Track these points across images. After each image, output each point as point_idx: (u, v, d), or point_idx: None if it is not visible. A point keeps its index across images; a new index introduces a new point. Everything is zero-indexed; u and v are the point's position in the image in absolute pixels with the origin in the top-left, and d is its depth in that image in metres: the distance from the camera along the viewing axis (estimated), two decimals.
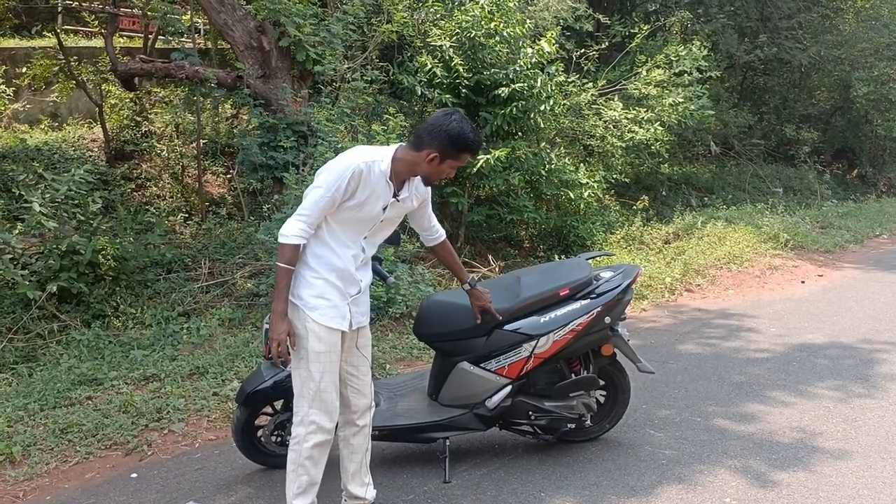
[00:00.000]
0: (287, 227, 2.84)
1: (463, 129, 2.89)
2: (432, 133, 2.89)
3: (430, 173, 2.98)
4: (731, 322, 6.98)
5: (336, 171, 2.82)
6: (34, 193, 6.14)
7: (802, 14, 16.15)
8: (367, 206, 2.90)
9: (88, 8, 10.72)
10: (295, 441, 3.01)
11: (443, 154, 2.90)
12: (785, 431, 4.39)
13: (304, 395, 2.97)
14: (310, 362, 2.93)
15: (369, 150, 2.96)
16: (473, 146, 2.96)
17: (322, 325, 2.91)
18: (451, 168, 2.97)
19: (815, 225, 12.26)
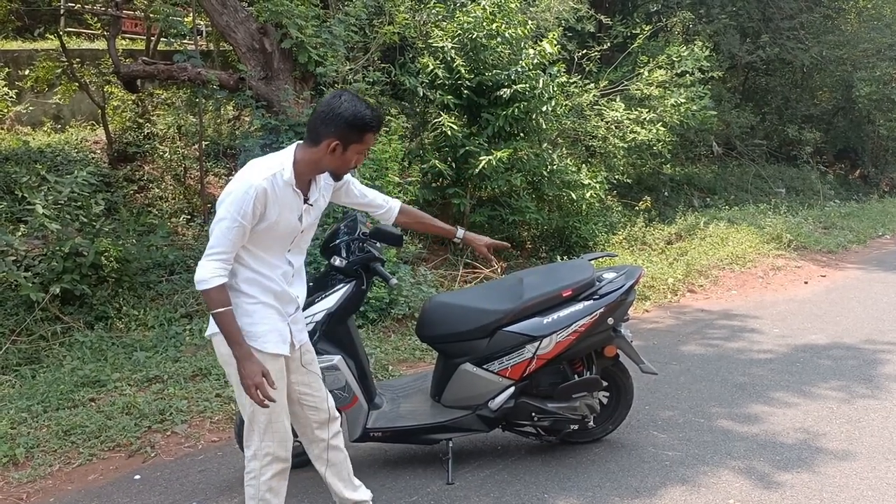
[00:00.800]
0: (201, 272, 2.57)
1: (357, 108, 2.63)
2: (326, 121, 2.63)
3: (336, 165, 2.72)
4: (734, 323, 6.97)
5: (237, 198, 2.55)
6: (37, 195, 6.15)
7: (804, 14, 16.14)
8: (281, 222, 2.68)
9: (91, 10, 10.73)
10: (251, 476, 2.86)
11: (344, 140, 2.64)
12: (788, 432, 4.38)
13: (255, 427, 2.80)
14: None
15: (266, 161, 2.69)
16: (374, 122, 2.68)
17: (265, 352, 2.71)
18: (357, 154, 2.71)
19: (817, 225, 12.24)
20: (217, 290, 2.57)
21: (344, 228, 3.71)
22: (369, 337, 6.04)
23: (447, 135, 7.80)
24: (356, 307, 3.81)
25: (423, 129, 9.01)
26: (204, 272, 2.56)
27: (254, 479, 2.85)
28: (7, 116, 11.09)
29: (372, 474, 3.85)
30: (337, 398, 3.58)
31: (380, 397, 3.89)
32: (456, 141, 7.89)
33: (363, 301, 3.94)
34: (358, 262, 3.60)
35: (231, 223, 2.55)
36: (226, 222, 2.56)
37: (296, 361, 2.94)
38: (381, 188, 6.76)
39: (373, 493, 3.62)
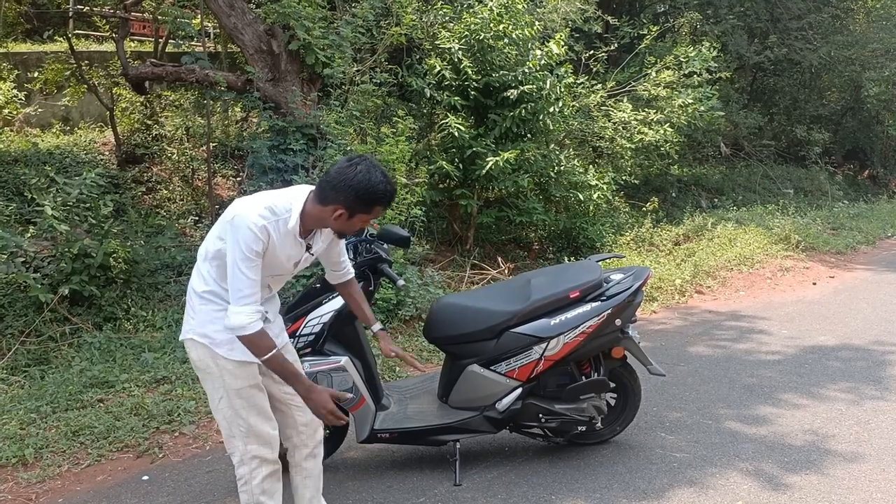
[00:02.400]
0: (238, 320, 2.51)
1: (370, 181, 2.55)
2: (336, 188, 2.56)
3: (339, 228, 2.69)
4: (742, 324, 6.95)
5: (245, 238, 2.51)
6: (46, 197, 6.18)
7: (812, 14, 16.08)
8: (277, 260, 2.66)
9: (100, 12, 10.77)
10: (242, 482, 2.84)
11: (350, 210, 2.59)
12: (797, 434, 4.36)
13: (235, 433, 2.78)
14: (231, 399, 2.73)
15: (274, 199, 2.63)
16: (384, 198, 2.61)
17: (232, 360, 2.68)
18: (363, 222, 2.67)
19: (826, 226, 12.19)
20: (258, 335, 2.55)
21: None
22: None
23: (454, 136, 7.80)
24: None
25: (430, 131, 9.01)
26: (242, 319, 2.51)
27: (245, 485, 2.84)
28: (16, 118, 11.16)
29: (379, 475, 3.85)
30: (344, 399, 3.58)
31: (387, 398, 3.90)
32: (463, 142, 7.89)
33: (371, 302, 3.94)
34: (365, 264, 3.61)
35: (250, 263, 2.52)
36: (244, 263, 2.52)
37: None
38: None
39: (380, 494, 3.64)
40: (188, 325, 2.75)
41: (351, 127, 7.51)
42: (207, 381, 2.77)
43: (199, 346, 2.71)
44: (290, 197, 2.66)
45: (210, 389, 2.78)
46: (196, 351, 2.72)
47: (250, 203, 2.59)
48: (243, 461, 2.81)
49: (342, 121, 7.25)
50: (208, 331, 2.67)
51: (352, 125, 7.53)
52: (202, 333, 2.69)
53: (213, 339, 2.67)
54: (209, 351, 2.69)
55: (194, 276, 2.74)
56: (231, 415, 2.75)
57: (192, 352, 2.75)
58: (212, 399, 2.79)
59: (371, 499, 3.61)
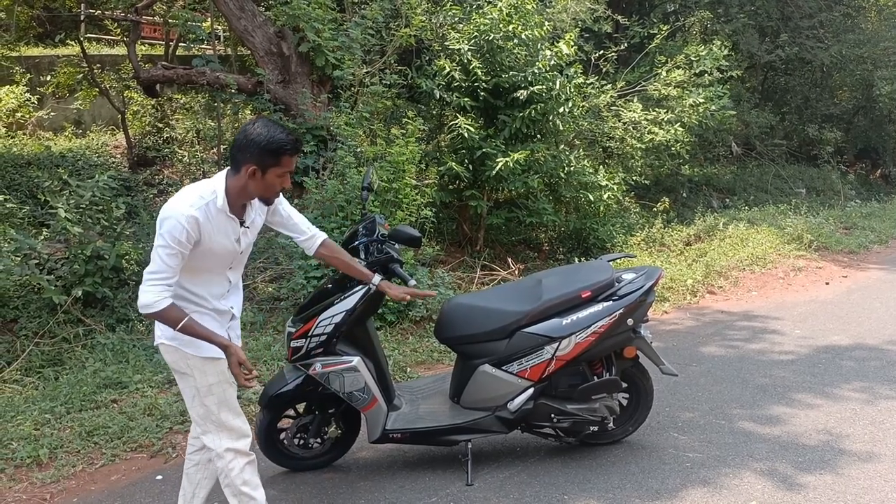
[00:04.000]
0: (145, 297, 2.61)
1: (270, 132, 2.67)
2: (241, 148, 2.68)
3: (260, 190, 2.76)
4: (755, 324, 6.91)
5: (170, 227, 2.61)
6: (59, 199, 6.23)
7: (824, 13, 15.99)
8: (217, 245, 2.75)
9: (111, 16, 10.85)
10: (223, 476, 2.94)
11: (261, 165, 2.68)
12: (811, 434, 4.34)
13: (208, 429, 2.89)
14: (203, 397, 2.84)
15: (199, 188, 2.72)
16: (288, 145, 2.70)
17: (201, 357, 2.79)
18: (278, 177, 2.74)
19: (838, 226, 12.11)
20: (167, 309, 2.63)
21: (363, 230, 3.72)
22: (387, 339, 6.05)
23: (464, 137, 7.80)
24: (375, 309, 3.83)
25: (439, 132, 9.02)
26: (148, 297, 2.61)
27: (226, 478, 2.93)
28: (29, 122, 11.25)
29: (391, 476, 3.86)
30: (356, 399, 3.60)
31: (399, 399, 3.90)
32: (473, 143, 7.88)
33: (382, 303, 3.95)
34: (377, 264, 3.61)
35: (169, 250, 2.61)
36: (164, 249, 2.62)
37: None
38: (398, 191, 6.79)
39: (392, 494, 3.64)
40: (159, 330, 2.83)
41: (361, 128, 7.53)
42: (182, 381, 2.88)
43: (170, 349, 2.81)
44: (213, 181, 2.77)
45: (184, 389, 2.89)
46: (168, 354, 2.84)
47: (178, 196, 2.70)
48: (219, 455, 2.91)
49: (352, 122, 7.27)
50: (176, 334, 2.73)
51: (362, 127, 7.55)
52: (171, 336, 2.77)
53: (180, 339, 2.76)
54: (179, 352, 2.80)
55: None
56: (204, 412, 2.87)
57: (165, 355, 2.86)
58: (186, 398, 2.90)
59: (383, 498, 3.61)
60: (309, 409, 3.85)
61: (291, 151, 2.72)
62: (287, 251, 6.79)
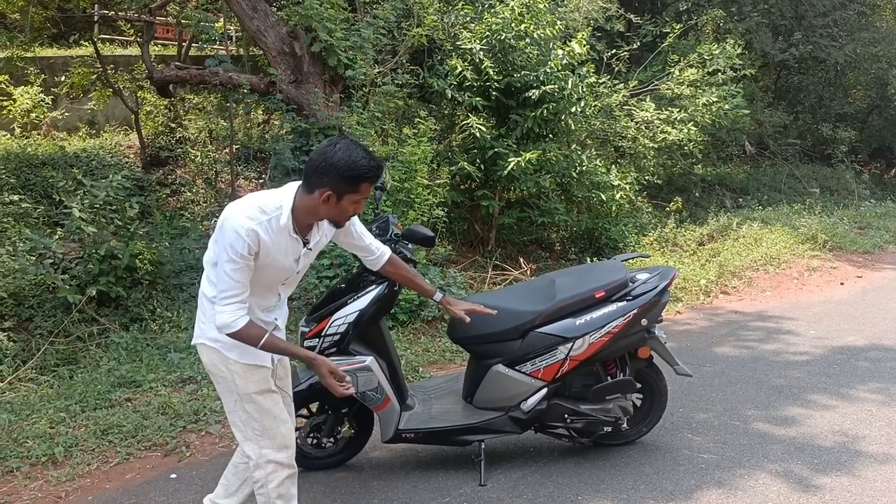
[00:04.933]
0: (223, 318, 2.54)
1: (351, 157, 2.51)
2: (319, 170, 2.52)
3: (333, 215, 2.64)
4: (769, 324, 6.87)
5: (232, 241, 2.51)
6: (74, 199, 6.27)
7: (838, 11, 15.86)
8: (276, 262, 2.65)
9: (125, 17, 10.90)
10: (259, 485, 2.84)
11: (337, 191, 2.54)
12: (826, 435, 4.31)
13: (249, 436, 2.78)
14: (243, 403, 2.74)
15: (263, 200, 2.60)
16: (369, 173, 2.55)
17: (242, 363, 2.70)
18: (353, 203, 2.60)
19: (853, 225, 12.01)
20: (245, 328, 2.57)
21: (376, 230, 3.72)
22: (399, 339, 6.05)
23: (476, 136, 7.79)
24: (388, 308, 3.83)
25: (451, 132, 9.02)
26: (225, 318, 2.55)
27: (262, 488, 2.83)
28: (43, 122, 11.31)
29: (404, 475, 3.85)
30: (369, 399, 3.60)
31: (412, 398, 3.89)
32: (484, 143, 7.87)
33: (395, 302, 3.95)
34: None
35: (234, 265, 2.53)
36: (229, 265, 2.53)
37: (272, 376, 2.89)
38: (410, 190, 6.78)
39: (405, 494, 3.64)
40: (199, 330, 2.77)
41: (373, 128, 7.54)
42: (220, 384, 2.79)
43: (210, 351, 2.73)
44: (281, 195, 2.63)
45: (223, 392, 2.79)
46: (207, 355, 2.75)
47: (240, 206, 2.58)
48: (259, 465, 2.80)
49: (364, 122, 7.28)
50: (220, 335, 2.66)
51: (373, 126, 7.56)
52: (213, 338, 2.70)
53: (223, 342, 2.68)
54: (220, 355, 2.71)
55: (204, 282, 2.74)
56: (245, 418, 2.76)
57: (203, 356, 2.77)
58: (226, 402, 2.81)
59: (396, 498, 3.61)
60: (322, 408, 3.85)
61: (372, 179, 2.57)
62: None
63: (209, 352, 2.73)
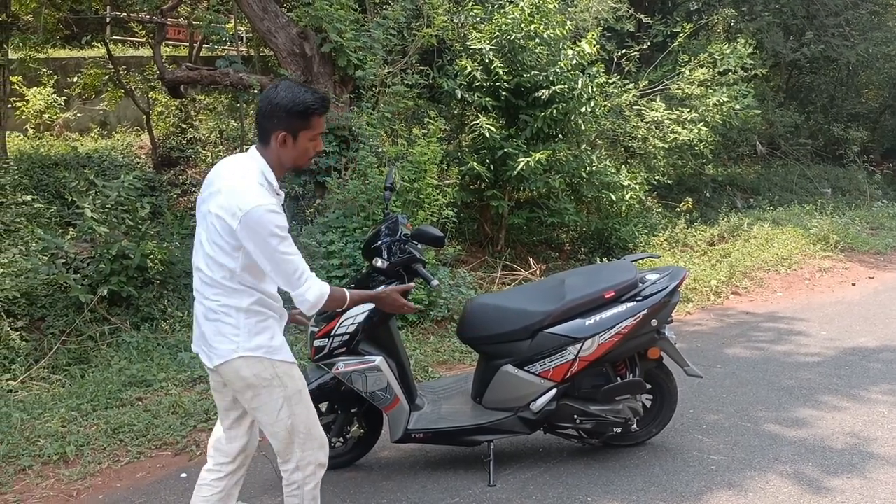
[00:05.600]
0: (313, 293, 2.54)
1: (295, 94, 2.51)
2: (268, 115, 2.52)
3: (294, 158, 2.59)
4: (780, 325, 6.83)
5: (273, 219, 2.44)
6: (86, 199, 6.31)
7: (850, 11, 15.75)
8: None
9: (136, 19, 10.97)
10: (294, 487, 2.78)
11: (291, 129, 2.52)
12: (838, 437, 4.28)
13: (294, 440, 2.73)
14: (294, 405, 2.69)
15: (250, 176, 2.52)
16: (316, 104, 2.54)
17: (288, 362, 2.67)
18: (311, 141, 2.58)
19: (865, 226, 11.92)
20: (333, 292, 2.63)
21: (385, 230, 3.72)
22: (409, 339, 6.06)
23: (485, 137, 7.79)
24: None
25: (461, 132, 9.01)
26: (316, 290, 2.55)
27: (297, 490, 2.79)
28: (56, 123, 11.40)
29: (413, 475, 3.86)
30: (378, 399, 3.60)
31: (421, 398, 3.90)
32: (494, 143, 7.87)
33: None
34: (399, 264, 3.61)
35: (287, 242, 2.48)
36: (283, 246, 2.47)
37: None
38: (420, 191, 6.78)
39: (414, 494, 3.64)
40: (229, 346, 2.59)
41: (382, 128, 7.55)
42: (264, 394, 2.65)
43: (254, 361, 2.60)
44: (251, 163, 2.57)
45: (268, 403, 2.66)
46: (250, 367, 2.60)
47: (246, 189, 2.47)
48: (300, 467, 2.76)
49: (374, 122, 7.29)
50: (261, 341, 2.60)
51: (383, 126, 7.56)
52: (254, 347, 2.59)
53: (268, 347, 2.61)
54: (266, 362, 2.61)
55: (225, 297, 2.59)
56: (292, 422, 2.70)
57: (243, 370, 2.60)
58: (270, 413, 2.68)
59: (405, 498, 3.62)
60: (331, 408, 3.86)
61: (321, 110, 2.57)
62: (309, 251, 6.82)
63: (252, 363, 2.60)
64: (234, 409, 2.86)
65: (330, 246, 6.29)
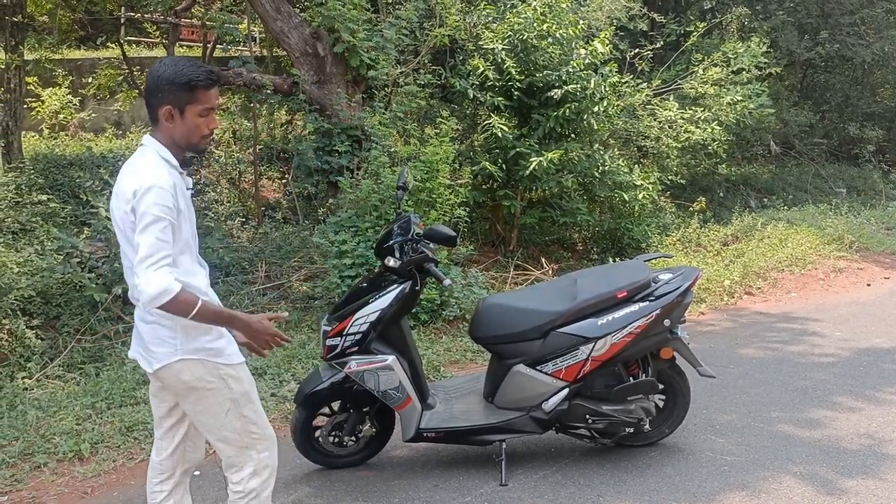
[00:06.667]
0: (156, 285, 2.21)
1: (178, 66, 2.39)
2: (153, 91, 2.41)
3: (185, 135, 2.45)
4: (794, 326, 6.79)
5: (157, 195, 2.29)
6: (100, 199, 6.35)
7: (865, 9, 15.63)
8: (187, 213, 2.49)
9: (151, 19, 11.04)
10: (252, 496, 2.63)
11: (177, 103, 2.40)
12: (852, 438, 4.25)
13: (247, 444, 2.60)
14: (241, 407, 2.57)
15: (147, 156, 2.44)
16: (200, 76, 2.40)
17: (233, 364, 2.55)
18: (198, 115, 2.43)
19: (880, 226, 11.83)
20: (182, 293, 2.27)
21: (398, 229, 3.73)
22: (421, 338, 6.06)
23: (497, 136, 7.78)
24: (410, 307, 3.84)
25: (473, 131, 9.01)
26: (159, 283, 2.22)
27: (255, 499, 2.65)
28: (71, 123, 11.49)
29: (425, 474, 3.86)
30: (390, 398, 3.61)
31: (433, 398, 3.90)
32: (506, 142, 7.86)
33: (417, 302, 3.96)
34: (412, 263, 3.62)
35: (161, 223, 2.29)
36: (155, 224, 2.28)
37: None
38: (432, 190, 6.79)
39: (426, 493, 3.65)
40: (167, 348, 2.48)
41: (395, 128, 7.56)
42: (208, 398, 2.53)
43: (195, 364, 2.49)
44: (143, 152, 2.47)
45: (212, 406, 2.55)
46: (190, 371, 2.48)
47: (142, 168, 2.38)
48: (257, 471, 2.64)
49: (386, 122, 7.30)
50: (201, 343, 2.48)
51: (396, 126, 7.58)
52: (194, 349, 2.48)
53: (209, 349, 2.49)
54: (209, 364, 2.50)
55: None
56: (242, 425, 2.58)
57: (184, 374, 2.48)
58: (215, 417, 2.56)
59: (417, 497, 3.62)
60: (344, 407, 3.87)
61: (205, 83, 2.42)
62: (321, 250, 6.84)
63: (192, 366, 2.48)
64: (170, 416, 2.72)
65: (342, 245, 6.30)
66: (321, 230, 6.81)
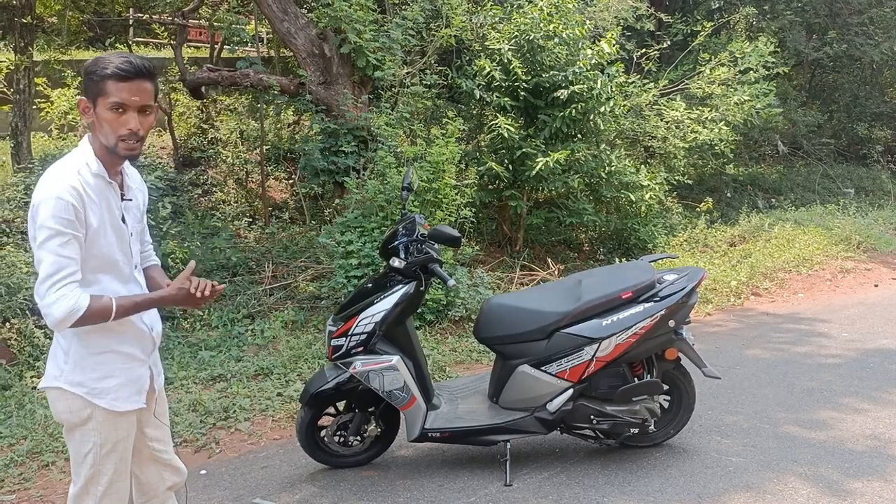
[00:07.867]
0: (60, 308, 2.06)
1: (98, 57, 2.17)
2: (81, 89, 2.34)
3: (102, 133, 2.19)
4: (801, 326, 6.77)
5: (53, 207, 2.08)
6: None
7: (874, 9, 15.55)
8: (108, 225, 2.23)
9: (158, 21, 11.09)
10: None
11: (91, 96, 2.16)
12: (858, 439, 4.24)
13: (91, 492, 2.33)
14: (101, 457, 2.31)
15: (65, 161, 2.22)
16: (110, 67, 2.12)
17: (115, 411, 2.29)
18: (112, 109, 2.14)
19: (888, 227, 11.78)
20: (92, 303, 2.12)
21: (402, 230, 3.74)
22: (426, 338, 6.07)
23: (504, 137, 7.78)
24: (415, 308, 3.85)
25: (479, 132, 9.02)
26: (65, 305, 2.07)
27: None
28: (80, 124, 11.53)
29: (430, 475, 3.87)
30: (395, 398, 3.62)
31: (438, 398, 3.92)
32: (513, 143, 7.87)
33: (422, 302, 3.97)
34: (417, 263, 3.63)
35: (60, 238, 2.09)
36: (53, 240, 2.08)
37: (149, 412, 2.48)
38: (438, 191, 6.80)
39: (431, 493, 3.66)
40: (55, 370, 2.30)
41: (401, 129, 7.57)
42: (77, 433, 2.31)
43: (71, 397, 2.27)
44: (75, 152, 2.27)
45: (78, 443, 2.32)
46: (65, 402, 2.28)
47: (47, 176, 2.18)
48: None
49: (392, 123, 7.32)
50: (86, 378, 2.27)
51: (402, 127, 7.59)
52: (77, 382, 2.26)
53: (92, 388, 2.27)
54: (85, 402, 2.27)
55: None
56: (94, 472, 2.32)
57: (58, 403, 2.29)
58: (76, 453, 2.33)
59: (422, 497, 3.63)
60: (349, 407, 3.88)
61: (117, 74, 2.13)
62: (328, 250, 6.86)
63: (68, 398, 2.27)
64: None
65: (348, 246, 6.32)
66: (327, 230, 6.83)
